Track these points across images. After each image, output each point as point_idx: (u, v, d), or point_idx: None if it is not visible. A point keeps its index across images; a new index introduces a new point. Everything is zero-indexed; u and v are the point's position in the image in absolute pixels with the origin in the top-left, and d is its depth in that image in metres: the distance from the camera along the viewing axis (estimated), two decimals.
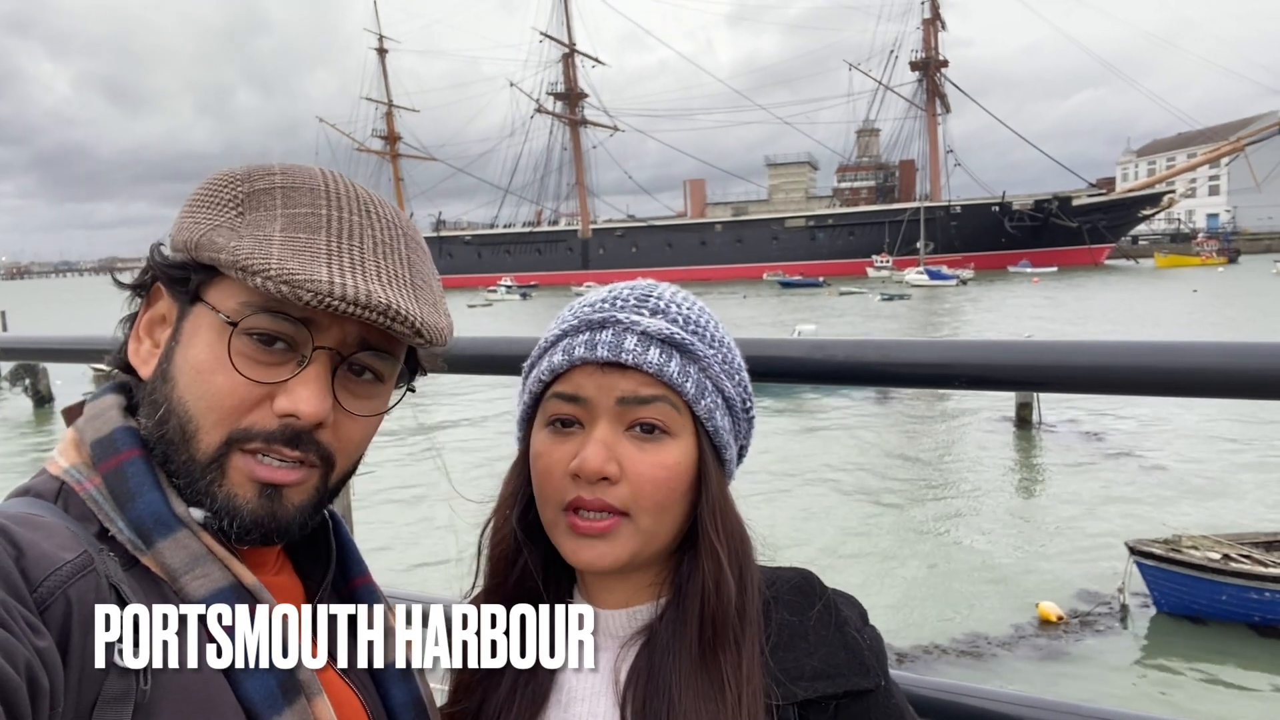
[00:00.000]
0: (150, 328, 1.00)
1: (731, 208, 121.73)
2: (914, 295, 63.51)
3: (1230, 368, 1.14)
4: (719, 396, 1.07)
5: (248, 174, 0.96)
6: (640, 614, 1.09)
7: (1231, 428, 19.95)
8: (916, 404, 24.21)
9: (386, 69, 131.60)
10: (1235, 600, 10.57)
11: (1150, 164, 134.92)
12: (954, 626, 10.87)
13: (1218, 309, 45.99)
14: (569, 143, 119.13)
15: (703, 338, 1.08)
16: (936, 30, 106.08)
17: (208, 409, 0.91)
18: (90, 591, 0.79)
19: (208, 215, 0.94)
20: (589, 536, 1.02)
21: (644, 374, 1.02)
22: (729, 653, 1.00)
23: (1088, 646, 10.42)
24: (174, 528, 0.89)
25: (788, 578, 1.09)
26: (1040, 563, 12.79)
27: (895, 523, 14.88)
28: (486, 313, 66.33)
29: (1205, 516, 14.17)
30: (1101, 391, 1.23)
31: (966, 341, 1.29)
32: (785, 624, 1.03)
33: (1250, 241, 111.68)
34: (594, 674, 1.08)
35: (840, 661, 1.00)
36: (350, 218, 0.94)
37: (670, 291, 1.13)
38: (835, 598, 1.06)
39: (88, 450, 0.93)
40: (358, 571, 1.13)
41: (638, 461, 1.02)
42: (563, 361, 1.05)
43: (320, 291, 0.87)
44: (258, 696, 0.86)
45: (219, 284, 0.93)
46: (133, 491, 0.89)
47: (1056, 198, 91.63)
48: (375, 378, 0.99)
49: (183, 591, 0.87)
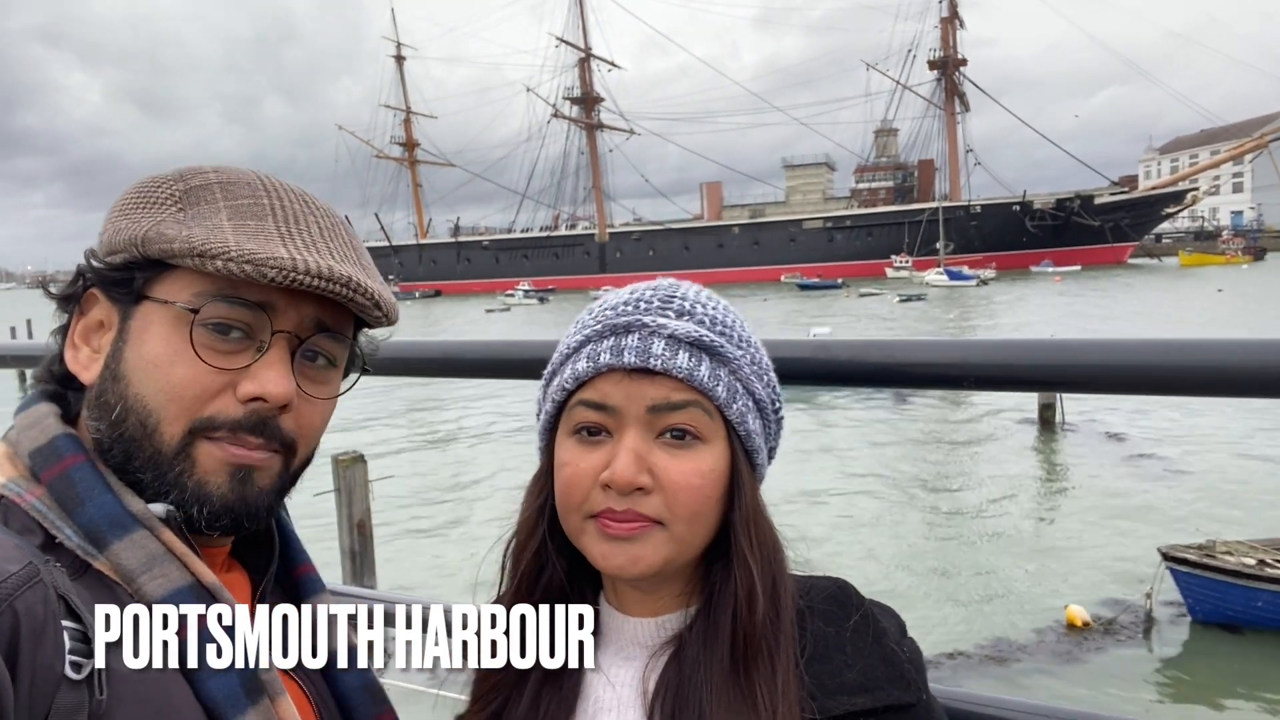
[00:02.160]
0: (86, 334, 0.99)
1: (749, 210, 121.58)
2: (934, 296, 63.07)
3: (1249, 365, 1.10)
4: (750, 399, 1.04)
5: (180, 174, 0.97)
6: (669, 623, 1.06)
7: (1253, 427, 19.63)
8: (936, 405, 24.02)
9: (404, 76, 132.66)
10: (1271, 606, 10.36)
11: (1173, 161, 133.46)
12: (977, 632, 10.73)
13: (1244, 307, 45.32)
14: (585, 147, 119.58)
15: (731, 339, 1.04)
16: (955, 29, 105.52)
17: (169, 400, 0.90)
18: (38, 603, 0.77)
19: (147, 214, 0.93)
20: (620, 539, 0.98)
21: (674, 379, 0.98)
22: (762, 665, 0.97)
23: (1117, 653, 10.24)
24: (130, 528, 0.88)
25: (823, 587, 1.05)
26: (1066, 566, 12.62)
27: (915, 525, 14.75)
28: (504, 317, 66.53)
29: (1233, 520, 13.94)
30: (1111, 391, 1.20)
31: (972, 341, 1.26)
32: (821, 635, 0.99)
33: (1275, 239, 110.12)
34: (622, 684, 1.04)
35: (879, 675, 0.96)
36: (292, 206, 0.96)
37: (694, 291, 1.08)
38: (873, 608, 1.03)
39: (25, 461, 0.92)
40: (300, 560, 1.11)
41: (671, 470, 0.98)
42: (588, 368, 1.01)
43: (284, 267, 0.88)
44: (220, 696, 0.85)
45: (167, 279, 0.93)
46: (82, 496, 0.88)
47: (1078, 196, 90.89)
48: (329, 362, 1.01)
49: (140, 592, 0.86)
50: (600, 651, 1.08)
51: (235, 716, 0.85)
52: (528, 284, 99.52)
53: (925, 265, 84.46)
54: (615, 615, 1.09)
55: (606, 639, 1.09)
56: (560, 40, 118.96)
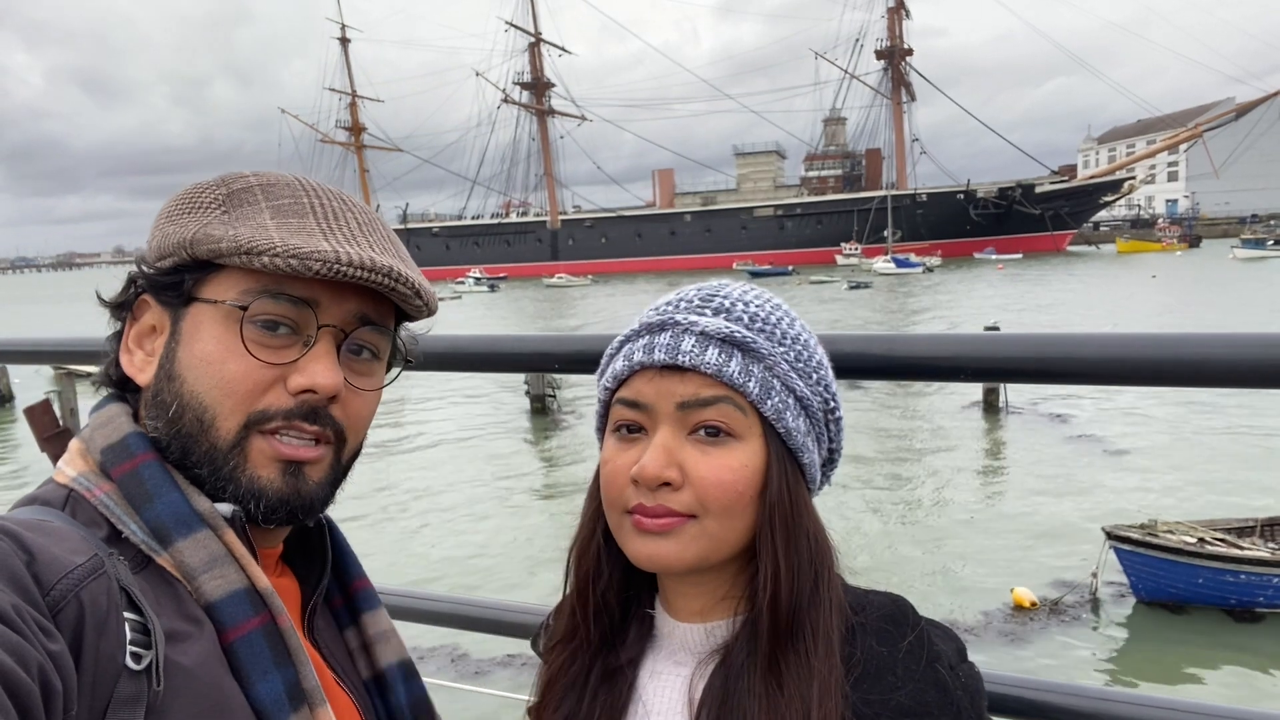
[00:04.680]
0: (140, 339, 1.02)
1: (700, 197, 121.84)
2: (881, 283, 64.02)
3: (1225, 358, 1.13)
4: (790, 396, 1.03)
5: (222, 180, 0.99)
6: (718, 630, 1.07)
7: (1191, 411, 20.35)
8: (884, 390, 24.41)
9: (349, 58, 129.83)
10: (1212, 584, 10.71)
11: (1110, 151, 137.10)
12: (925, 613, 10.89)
13: (1175, 293, 46.82)
14: (537, 133, 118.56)
15: (770, 335, 1.04)
16: (901, 19, 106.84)
17: (223, 396, 0.93)
18: (102, 594, 0.80)
19: (193, 218, 0.96)
20: (652, 534, 1.00)
21: (703, 375, 1.00)
22: (799, 668, 0.96)
23: (1064, 631, 10.51)
24: (195, 527, 0.91)
25: (879, 604, 1.03)
26: (1011, 548, 12.94)
27: (863, 507, 15.00)
28: (455, 305, 65.79)
29: (1172, 501, 14.43)
30: (1104, 383, 1.24)
31: (972, 335, 1.30)
32: (873, 654, 0.98)
33: (1208, 226, 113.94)
34: (671, 689, 1.06)
35: (930, 700, 0.94)
36: (330, 204, 0.99)
37: (740, 290, 1.09)
38: (930, 630, 1.01)
39: (96, 458, 0.95)
40: (356, 574, 1.15)
41: (701, 465, 0.99)
42: (624, 368, 1.04)
43: (327, 260, 0.91)
44: (267, 700, 0.87)
45: (215, 279, 0.96)
46: (151, 493, 0.91)
47: (1020, 185, 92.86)
48: (372, 355, 1.04)
49: (199, 591, 0.89)
50: (652, 655, 1.11)
51: None
52: (479, 271, 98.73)
53: (874, 253, 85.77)
54: (667, 620, 1.10)
55: (659, 643, 1.11)
56: (510, 24, 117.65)
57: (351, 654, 1.11)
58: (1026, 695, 1.29)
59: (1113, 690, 1.35)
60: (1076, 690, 1.28)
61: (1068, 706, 1.27)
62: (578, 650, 1.12)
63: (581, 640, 1.12)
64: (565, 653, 1.13)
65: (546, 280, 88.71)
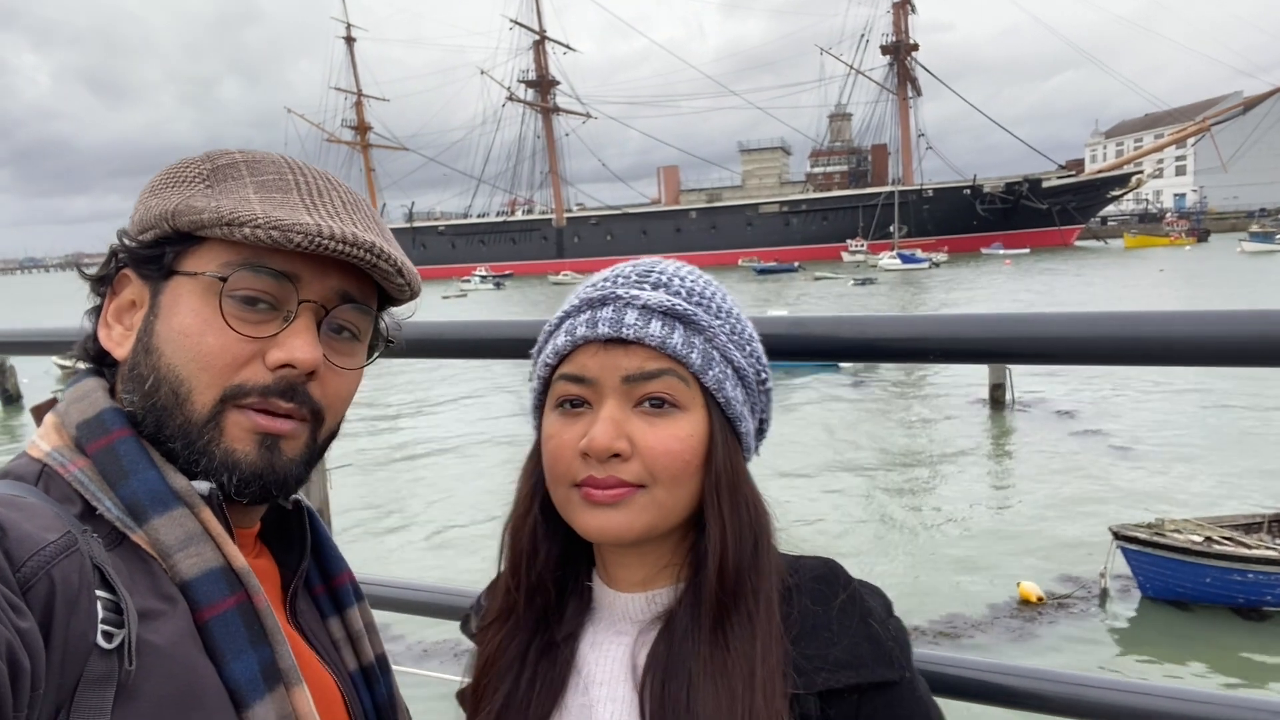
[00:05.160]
0: (119, 314, 1.01)
1: (705, 194, 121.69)
2: (887, 279, 63.85)
3: (1194, 335, 1.16)
4: (728, 367, 1.05)
5: (207, 155, 1.00)
6: (659, 598, 1.08)
7: (1197, 403, 20.28)
8: (891, 385, 24.39)
9: (355, 58, 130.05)
10: (1219, 582, 10.66)
11: (1118, 145, 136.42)
12: (931, 608, 10.93)
13: (1182, 286, 46.60)
14: (542, 131, 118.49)
15: (708, 308, 1.06)
16: (906, 14, 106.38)
17: (200, 369, 0.92)
18: (74, 572, 0.78)
19: (176, 191, 0.96)
20: (603, 506, 1.01)
21: (647, 348, 1.01)
22: (741, 627, 1.00)
23: (1071, 628, 10.46)
24: (171, 505, 0.89)
25: (811, 566, 1.07)
26: (1018, 542, 12.92)
27: (870, 502, 15.00)
28: (461, 303, 65.90)
29: (1181, 496, 14.39)
30: (1071, 362, 1.26)
31: (939, 316, 1.31)
32: (808, 612, 1.02)
33: (1216, 220, 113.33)
34: (613, 658, 1.07)
35: (864, 653, 0.98)
36: (315, 181, 0.99)
37: (674, 266, 1.11)
38: (860, 588, 1.05)
39: (71, 433, 0.94)
40: (338, 569, 1.14)
41: (649, 435, 1.01)
42: (566, 343, 1.04)
43: (309, 232, 0.90)
44: (242, 679, 0.86)
45: (196, 252, 0.95)
46: (127, 469, 0.90)
47: (1027, 180, 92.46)
48: (353, 335, 1.03)
49: (174, 570, 0.87)
50: (592, 627, 1.12)
51: (254, 701, 0.86)
52: (485, 269, 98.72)
53: (880, 249, 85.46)
54: (607, 592, 1.11)
55: (598, 614, 1.12)
56: (514, 23, 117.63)
57: (336, 643, 1.10)
58: (988, 679, 1.31)
59: (1061, 672, 1.38)
60: (1027, 672, 1.31)
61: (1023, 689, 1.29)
62: (515, 628, 1.12)
63: (519, 618, 1.12)
64: (502, 631, 1.13)
65: (552, 278, 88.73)
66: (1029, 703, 1.30)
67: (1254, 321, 1.12)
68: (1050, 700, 1.28)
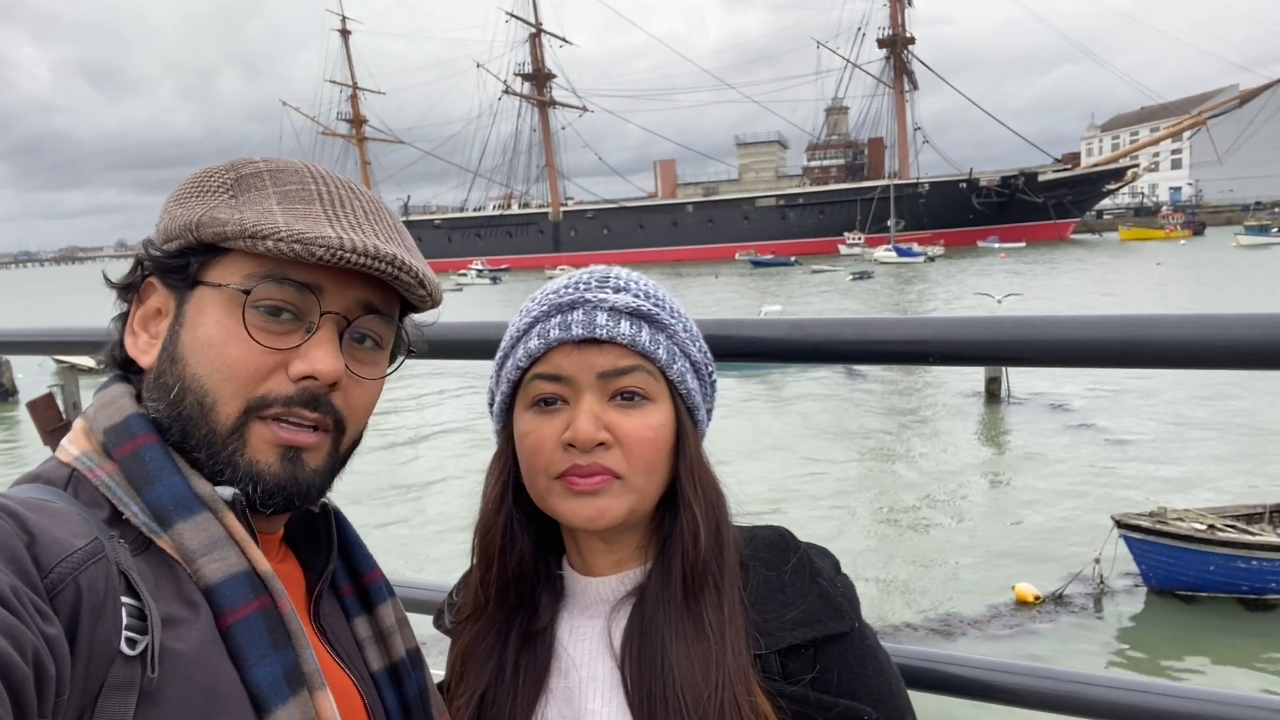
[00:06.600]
0: (145, 322, 1.02)
1: (702, 188, 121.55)
2: (883, 272, 63.84)
3: (1194, 339, 1.17)
4: (687, 361, 1.16)
5: (231, 165, 1.01)
6: (630, 578, 1.16)
7: (1193, 401, 20.33)
8: (886, 381, 24.41)
9: (350, 50, 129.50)
10: (1223, 570, 10.54)
11: (1114, 139, 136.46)
12: (929, 608, 10.85)
13: (1179, 281, 46.64)
14: (538, 124, 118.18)
15: (665, 309, 1.16)
16: (903, 7, 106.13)
17: (224, 380, 0.94)
18: (100, 579, 0.79)
19: (200, 201, 0.97)
20: (586, 494, 1.08)
21: (620, 346, 1.10)
22: (710, 596, 1.08)
23: (1076, 624, 10.39)
24: (195, 510, 0.90)
25: (764, 536, 1.17)
26: (1013, 539, 12.92)
27: (862, 499, 15.02)
28: (458, 298, 65.81)
29: (1177, 488, 14.40)
30: (1072, 365, 1.26)
31: (940, 319, 1.31)
32: (764, 579, 1.11)
33: (1212, 214, 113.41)
34: (590, 639, 1.14)
35: (817, 609, 1.08)
36: (338, 191, 1.00)
37: (626, 272, 1.20)
38: (809, 551, 1.15)
39: (99, 438, 0.95)
40: (368, 567, 1.15)
41: (626, 425, 1.09)
42: (540, 345, 1.11)
43: (331, 245, 0.91)
44: (264, 684, 0.87)
45: (220, 263, 0.96)
46: (152, 475, 0.91)
47: (1023, 174, 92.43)
48: (375, 344, 1.04)
49: (198, 574, 0.88)
50: (566, 613, 1.19)
51: (276, 705, 0.87)
52: (481, 263, 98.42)
53: (877, 242, 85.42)
54: (579, 579, 1.19)
55: (572, 601, 1.19)
56: (510, 15, 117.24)
57: (361, 643, 1.11)
58: (952, 671, 1.33)
59: (1037, 666, 1.39)
60: (1001, 666, 1.32)
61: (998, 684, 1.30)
62: (491, 621, 1.18)
63: (494, 611, 1.18)
64: (478, 625, 1.19)
65: (549, 272, 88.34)
66: (1028, 700, 1.31)
67: (1253, 325, 1.14)
68: (1050, 698, 1.30)
